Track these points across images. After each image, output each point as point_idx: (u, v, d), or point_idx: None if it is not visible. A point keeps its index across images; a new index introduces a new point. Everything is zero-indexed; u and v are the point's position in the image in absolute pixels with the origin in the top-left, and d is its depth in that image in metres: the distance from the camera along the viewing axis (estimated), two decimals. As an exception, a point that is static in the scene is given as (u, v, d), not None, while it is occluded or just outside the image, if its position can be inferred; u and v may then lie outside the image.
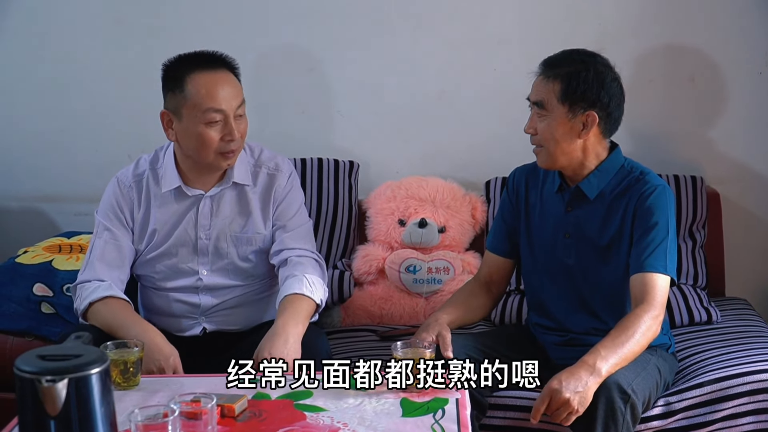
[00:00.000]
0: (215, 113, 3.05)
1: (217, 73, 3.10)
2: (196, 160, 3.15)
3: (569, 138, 3.03)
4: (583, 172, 3.09)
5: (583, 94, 2.99)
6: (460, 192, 4.08)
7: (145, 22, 4.23)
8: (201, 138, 3.08)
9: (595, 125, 3.02)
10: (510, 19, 4.18)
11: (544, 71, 3.06)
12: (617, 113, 3.06)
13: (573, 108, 3.00)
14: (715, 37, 4.14)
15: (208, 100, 3.05)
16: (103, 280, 3.12)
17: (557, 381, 2.78)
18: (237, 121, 3.10)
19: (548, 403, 2.79)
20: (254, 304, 3.34)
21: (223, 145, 3.09)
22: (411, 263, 3.95)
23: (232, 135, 3.08)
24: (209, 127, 3.06)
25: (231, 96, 3.09)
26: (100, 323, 3.03)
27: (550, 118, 3.02)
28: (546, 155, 3.07)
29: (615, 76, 3.06)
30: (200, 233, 3.22)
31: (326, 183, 4.06)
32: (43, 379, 2.01)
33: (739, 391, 3.10)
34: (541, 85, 3.05)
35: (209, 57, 3.14)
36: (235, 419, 2.47)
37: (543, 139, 3.05)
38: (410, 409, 2.50)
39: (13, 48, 4.28)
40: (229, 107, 3.07)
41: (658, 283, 2.95)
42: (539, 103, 3.04)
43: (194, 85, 3.06)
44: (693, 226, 3.98)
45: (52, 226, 4.38)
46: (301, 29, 4.20)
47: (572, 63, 3.02)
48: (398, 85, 4.25)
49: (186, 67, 3.10)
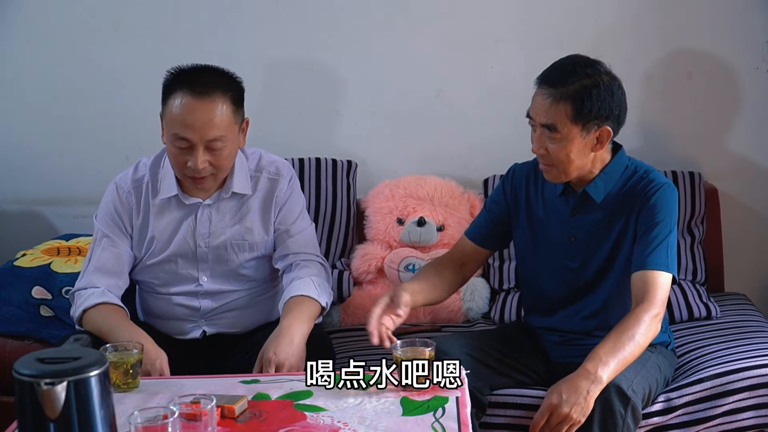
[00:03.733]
0: (180, 140, 3.00)
1: (201, 101, 2.99)
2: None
3: (584, 155, 2.97)
4: (589, 177, 3.04)
5: (597, 112, 2.90)
6: (458, 190, 4.08)
7: (144, 25, 4.22)
8: (171, 156, 3.07)
9: (610, 138, 2.97)
10: (508, 17, 4.17)
11: (549, 91, 2.93)
12: (624, 119, 3.01)
13: (586, 126, 2.92)
14: (712, 33, 4.14)
15: (177, 125, 2.99)
16: (99, 287, 3.11)
17: (557, 395, 2.75)
18: (210, 152, 3.02)
19: (548, 418, 2.77)
20: (254, 306, 3.33)
21: (189, 170, 3.04)
22: (410, 262, 3.95)
23: (195, 165, 3.01)
24: (177, 149, 3.02)
25: (205, 126, 2.98)
26: (93, 329, 3.02)
27: (565, 141, 2.92)
28: (558, 173, 3.00)
29: (619, 83, 2.97)
30: (199, 241, 3.20)
31: (324, 182, 4.06)
32: (42, 382, 2.01)
33: (740, 386, 3.10)
34: (551, 108, 2.92)
35: (205, 82, 3.02)
36: (235, 420, 2.47)
37: (556, 160, 2.96)
38: (410, 408, 2.50)
39: (12, 51, 4.28)
40: (198, 138, 2.98)
41: (659, 280, 2.91)
42: (550, 126, 2.92)
43: (173, 105, 3.00)
44: (691, 222, 3.98)
45: (50, 228, 4.38)
46: (299, 29, 4.19)
47: (578, 78, 2.90)
48: (396, 85, 4.24)
49: (176, 83, 3.03)
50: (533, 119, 2.99)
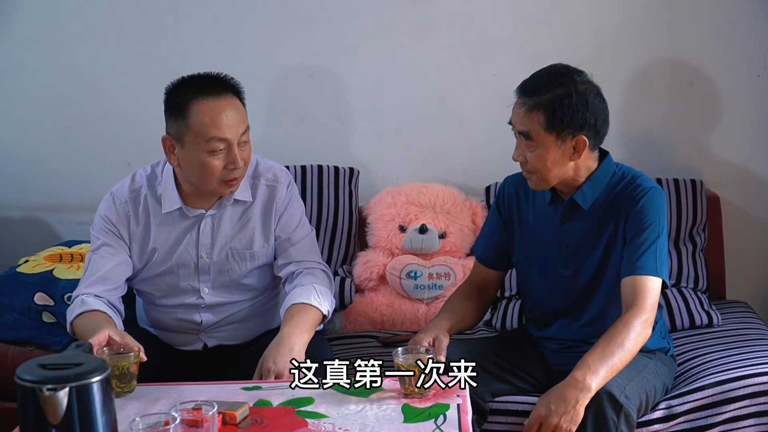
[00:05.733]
0: (219, 142, 2.96)
1: (222, 100, 2.99)
2: (198, 187, 3.09)
3: (561, 163, 2.98)
4: (575, 184, 3.05)
5: (569, 122, 2.92)
6: (460, 197, 4.08)
7: (146, 31, 4.23)
8: (204, 166, 3.00)
9: (586, 147, 2.97)
10: (509, 24, 4.18)
11: (524, 100, 2.97)
12: (604, 128, 3.00)
13: (561, 135, 2.93)
14: (713, 42, 4.14)
15: (212, 129, 2.95)
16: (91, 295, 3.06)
17: (545, 407, 2.76)
18: (241, 149, 3.01)
19: (538, 429, 2.77)
20: (255, 318, 3.33)
21: (226, 173, 3.01)
22: (412, 269, 3.95)
23: (236, 163, 2.99)
24: (212, 156, 2.98)
25: (235, 123, 2.99)
26: (80, 338, 2.95)
27: (541, 149, 2.95)
28: (538, 181, 3.02)
29: (596, 91, 2.98)
30: (201, 252, 3.19)
31: (326, 190, 4.06)
32: (44, 388, 2.02)
33: (741, 394, 3.10)
34: (525, 116, 2.96)
35: (213, 81, 3.03)
36: (237, 426, 2.47)
37: (535, 168, 2.99)
38: (412, 415, 2.51)
39: (14, 57, 4.29)
40: (233, 135, 2.98)
41: (648, 285, 2.91)
42: (525, 134, 2.97)
43: (197, 113, 2.96)
44: (693, 230, 3.98)
45: (53, 235, 4.39)
46: (302, 36, 4.20)
47: (551, 88, 2.93)
48: (398, 91, 4.25)
49: (189, 93, 2.99)
50: (514, 127, 3.03)
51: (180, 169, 3.08)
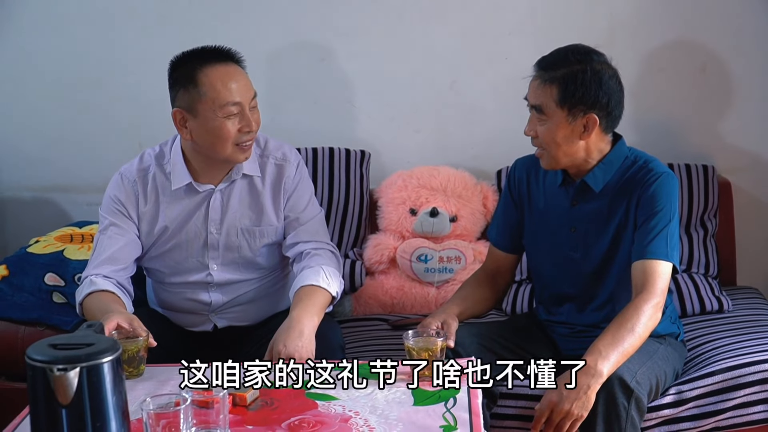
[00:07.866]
0: (233, 106, 3.02)
1: (229, 66, 3.06)
2: (212, 156, 3.11)
3: (571, 141, 2.98)
4: (587, 167, 3.05)
5: (581, 98, 2.92)
6: (471, 181, 4.08)
7: (156, 13, 4.23)
8: (219, 132, 3.03)
9: (596, 126, 2.97)
10: (522, 9, 4.17)
11: (540, 74, 2.98)
12: (618, 110, 3.00)
13: (572, 111, 2.94)
14: (726, 27, 4.13)
15: (226, 94, 3.01)
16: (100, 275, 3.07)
17: (557, 393, 2.74)
18: (252, 112, 3.07)
19: (550, 415, 2.76)
20: (264, 299, 3.34)
21: (240, 137, 3.05)
22: (422, 252, 3.95)
23: (250, 126, 3.04)
24: (227, 120, 3.02)
25: (245, 88, 3.06)
26: (89, 318, 2.98)
27: (550, 123, 2.96)
28: (549, 158, 3.02)
29: (612, 72, 2.98)
30: (211, 228, 3.20)
31: (338, 172, 4.06)
32: (54, 368, 2.02)
33: (751, 380, 3.10)
34: (539, 89, 2.98)
35: (217, 51, 3.09)
36: (247, 408, 2.48)
37: (544, 143, 3.00)
38: (422, 398, 2.51)
39: (24, 39, 4.28)
40: (245, 99, 3.04)
41: (658, 270, 2.91)
42: (538, 108, 2.98)
43: (209, 80, 3.02)
44: (704, 216, 3.97)
45: (63, 215, 4.39)
46: (313, 19, 4.19)
47: (568, 64, 2.94)
48: (410, 75, 4.24)
49: (196, 63, 3.04)
50: (528, 101, 3.03)
51: (193, 141, 3.10)
